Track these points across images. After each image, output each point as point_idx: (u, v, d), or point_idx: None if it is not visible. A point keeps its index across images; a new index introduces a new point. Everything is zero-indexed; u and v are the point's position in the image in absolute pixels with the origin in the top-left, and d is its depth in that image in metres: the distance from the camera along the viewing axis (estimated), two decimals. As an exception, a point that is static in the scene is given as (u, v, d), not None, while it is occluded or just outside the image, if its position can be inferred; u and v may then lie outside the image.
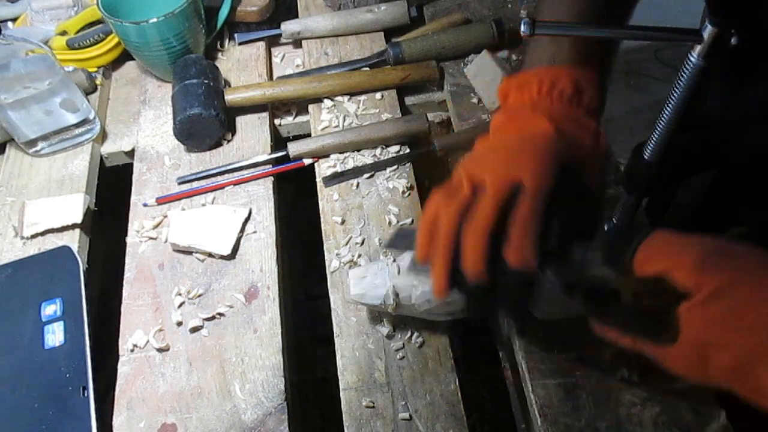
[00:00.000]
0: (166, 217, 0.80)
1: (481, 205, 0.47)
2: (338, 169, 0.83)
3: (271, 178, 0.83)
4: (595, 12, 0.58)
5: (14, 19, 1.02)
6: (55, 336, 0.69)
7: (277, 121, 0.93)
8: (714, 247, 0.41)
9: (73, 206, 0.80)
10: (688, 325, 0.40)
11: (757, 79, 0.62)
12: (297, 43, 1.00)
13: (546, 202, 0.47)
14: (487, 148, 0.52)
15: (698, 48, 0.45)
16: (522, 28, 0.46)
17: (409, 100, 0.93)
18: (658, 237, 0.43)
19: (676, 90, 0.49)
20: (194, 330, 0.70)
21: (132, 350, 0.69)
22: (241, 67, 0.96)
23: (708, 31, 0.44)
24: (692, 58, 0.46)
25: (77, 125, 0.87)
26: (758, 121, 0.65)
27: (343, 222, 0.78)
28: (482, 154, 0.52)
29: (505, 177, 0.47)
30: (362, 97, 0.90)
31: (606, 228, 0.69)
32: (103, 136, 0.91)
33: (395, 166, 0.82)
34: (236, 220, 0.77)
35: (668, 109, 0.51)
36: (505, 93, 0.57)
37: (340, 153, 0.84)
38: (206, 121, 0.83)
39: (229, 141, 0.87)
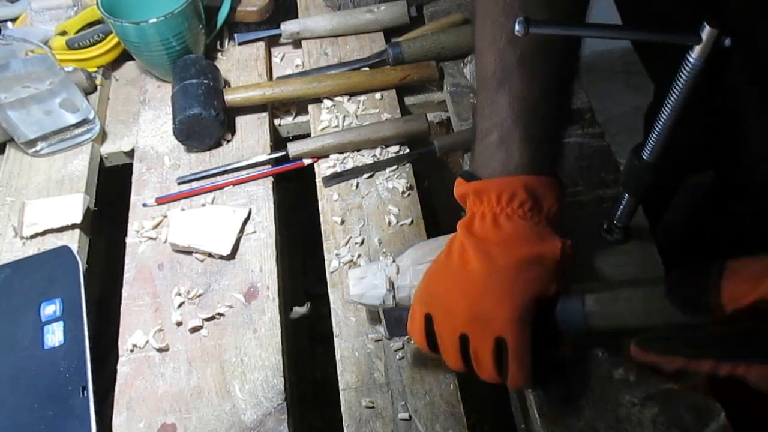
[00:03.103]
0: (165, 217, 0.80)
1: (481, 364, 0.54)
2: (338, 169, 0.83)
3: (271, 178, 0.83)
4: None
5: (14, 19, 1.02)
6: (54, 336, 0.69)
7: (276, 122, 0.93)
8: None
9: (73, 206, 0.80)
10: None
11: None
12: (297, 43, 1.00)
13: (530, 351, 0.52)
14: (455, 288, 0.54)
15: (697, 49, 0.46)
16: (516, 27, 0.46)
17: (409, 100, 0.93)
18: (738, 267, 0.44)
19: (675, 90, 0.50)
20: (194, 330, 0.70)
21: (132, 350, 0.69)
22: (241, 67, 0.96)
23: (706, 32, 0.44)
24: (691, 59, 0.46)
25: (77, 125, 0.87)
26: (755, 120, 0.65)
27: (342, 222, 0.78)
28: (451, 299, 0.54)
29: (488, 337, 0.52)
30: (362, 97, 0.90)
31: (604, 230, 0.69)
32: (102, 136, 0.91)
33: (395, 167, 0.82)
34: (236, 220, 0.77)
35: (667, 109, 0.51)
36: (463, 197, 0.57)
37: (340, 153, 0.84)
38: (206, 121, 0.83)
39: (228, 141, 0.87)
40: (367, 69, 0.92)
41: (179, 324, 0.71)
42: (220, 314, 0.71)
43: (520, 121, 0.55)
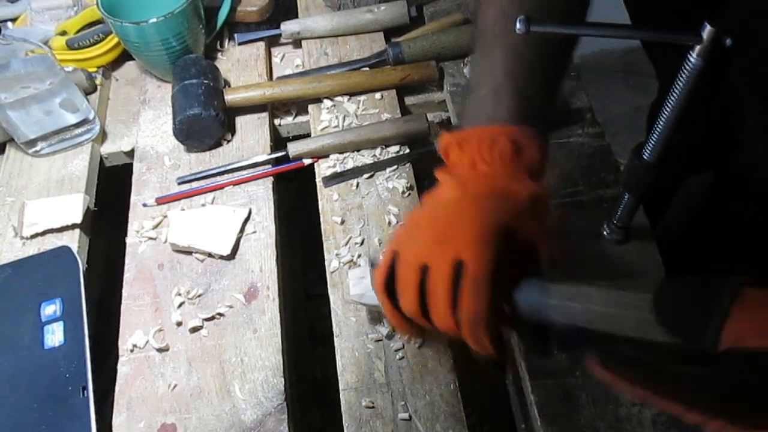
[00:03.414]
0: (165, 217, 0.80)
1: (436, 297, 0.49)
2: (338, 169, 0.83)
3: (271, 178, 0.83)
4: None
5: (14, 19, 1.02)
6: (54, 336, 0.69)
7: (276, 121, 0.93)
8: None
9: (73, 206, 0.80)
10: None
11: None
12: (297, 43, 1.00)
13: (489, 277, 0.47)
14: (425, 218, 0.53)
15: (697, 48, 0.46)
16: (517, 25, 0.46)
17: (409, 100, 0.93)
18: (753, 299, 0.37)
19: (676, 90, 0.50)
20: (194, 330, 0.70)
21: (132, 350, 0.69)
22: (241, 67, 0.96)
23: (707, 32, 0.44)
24: (691, 59, 0.46)
25: (77, 125, 0.87)
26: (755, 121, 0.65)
27: (342, 222, 0.78)
28: (419, 229, 0.52)
29: (446, 260, 0.48)
30: (362, 97, 0.90)
31: (604, 230, 0.69)
32: (102, 136, 0.91)
33: (395, 167, 0.82)
34: (236, 220, 0.77)
35: (668, 109, 0.51)
36: (446, 149, 0.56)
37: (340, 153, 0.84)
38: (206, 121, 0.83)
39: (228, 141, 0.87)
40: (367, 69, 0.92)
41: (179, 324, 0.71)
42: (220, 314, 0.71)
43: (512, 77, 0.54)
